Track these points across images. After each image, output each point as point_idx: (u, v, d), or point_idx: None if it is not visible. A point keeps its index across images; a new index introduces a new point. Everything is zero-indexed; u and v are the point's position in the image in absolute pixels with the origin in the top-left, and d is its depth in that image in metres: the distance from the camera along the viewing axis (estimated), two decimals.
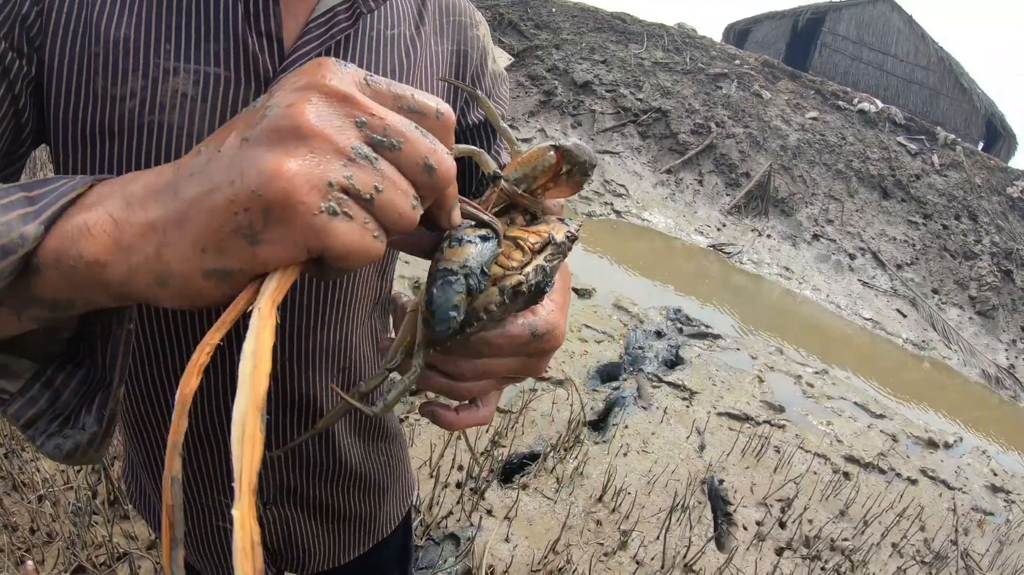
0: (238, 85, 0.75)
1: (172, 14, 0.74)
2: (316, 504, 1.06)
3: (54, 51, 0.72)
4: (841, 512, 4.10)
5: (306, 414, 0.95)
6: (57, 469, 3.04)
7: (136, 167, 0.72)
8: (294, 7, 0.78)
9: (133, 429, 0.98)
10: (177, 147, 0.73)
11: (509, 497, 3.52)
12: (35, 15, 0.71)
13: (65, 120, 0.74)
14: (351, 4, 0.80)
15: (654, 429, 4.54)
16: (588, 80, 12.77)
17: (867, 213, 10.08)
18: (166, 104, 0.73)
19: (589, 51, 13.63)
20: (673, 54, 13.60)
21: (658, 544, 3.43)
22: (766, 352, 6.43)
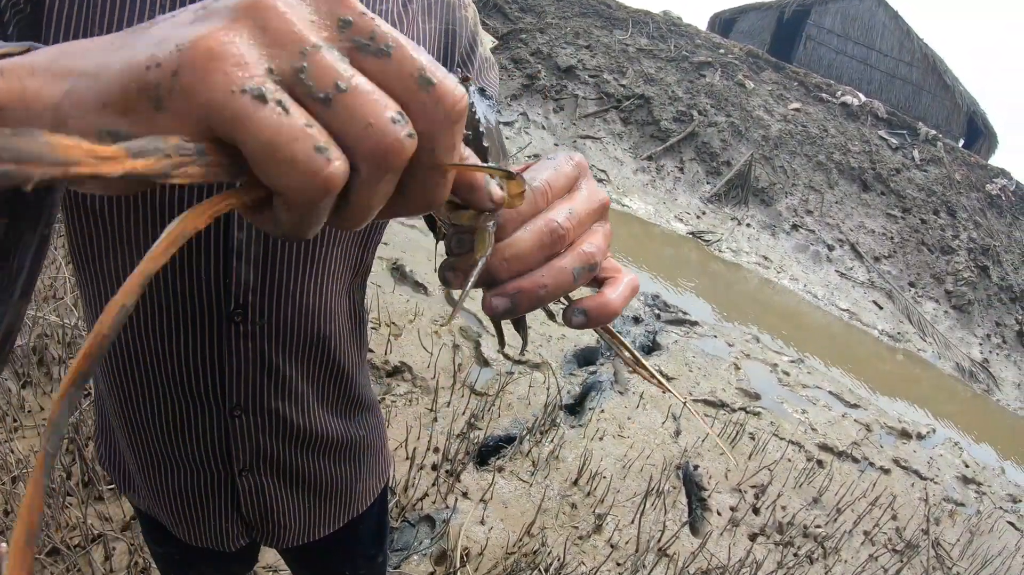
0: None
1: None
2: (292, 472, 1.04)
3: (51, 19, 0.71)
4: (814, 499, 4.11)
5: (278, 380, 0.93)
6: (31, 450, 2.99)
7: None
8: None
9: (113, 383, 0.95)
10: None
11: (485, 480, 3.49)
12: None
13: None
14: None
15: (630, 414, 4.52)
16: (572, 65, 12.71)
17: (846, 205, 10.13)
18: None
19: (573, 36, 13.57)
20: (658, 41, 13.56)
21: (633, 528, 3.42)
22: (743, 340, 6.44)
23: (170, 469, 0.99)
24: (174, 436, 0.95)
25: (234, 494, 1.02)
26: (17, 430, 3.13)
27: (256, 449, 0.99)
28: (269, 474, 1.02)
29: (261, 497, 1.04)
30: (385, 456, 1.25)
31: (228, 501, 1.03)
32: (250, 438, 0.97)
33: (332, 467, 1.10)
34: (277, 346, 0.91)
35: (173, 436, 0.95)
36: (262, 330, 0.87)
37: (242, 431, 0.96)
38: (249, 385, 0.92)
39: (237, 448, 0.97)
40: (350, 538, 1.22)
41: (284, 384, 0.95)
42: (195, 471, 0.99)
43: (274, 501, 1.05)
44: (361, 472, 1.16)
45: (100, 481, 2.84)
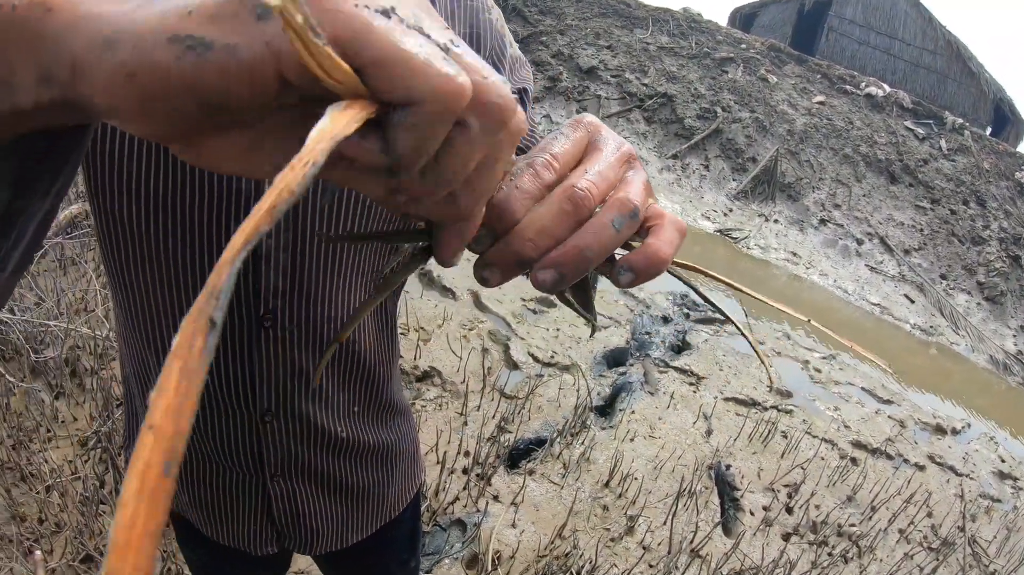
0: None
1: None
2: (324, 477, 1.05)
3: None
4: (848, 498, 4.08)
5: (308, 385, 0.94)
6: (65, 460, 3.04)
7: None
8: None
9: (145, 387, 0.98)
10: None
11: (516, 483, 3.51)
12: None
13: None
14: None
15: (661, 414, 4.52)
16: (593, 65, 12.70)
17: (874, 198, 10.03)
18: None
19: (594, 36, 13.56)
20: (679, 39, 13.52)
21: (665, 529, 3.42)
22: (773, 337, 6.42)
23: (202, 465, 1.00)
24: (207, 439, 0.96)
25: (265, 498, 1.03)
26: (51, 440, 3.21)
27: (287, 454, 1.00)
28: (301, 479, 1.03)
29: (293, 502, 1.04)
30: (418, 461, 1.26)
31: (259, 505, 1.04)
32: (281, 443, 0.98)
33: (364, 472, 1.10)
34: (307, 352, 0.91)
35: (206, 439, 0.96)
36: (292, 335, 0.88)
37: (273, 436, 0.97)
38: (279, 390, 0.93)
39: (268, 453, 0.98)
40: (383, 543, 1.22)
41: (314, 389, 0.96)
42: (227, 469, 1.00)
43: (306, 506, 1.06)
44: (394, 477, 1.17)
45: None
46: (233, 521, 1.05)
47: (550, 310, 5.47)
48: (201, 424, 0.95)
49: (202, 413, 0.94)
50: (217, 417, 0.94)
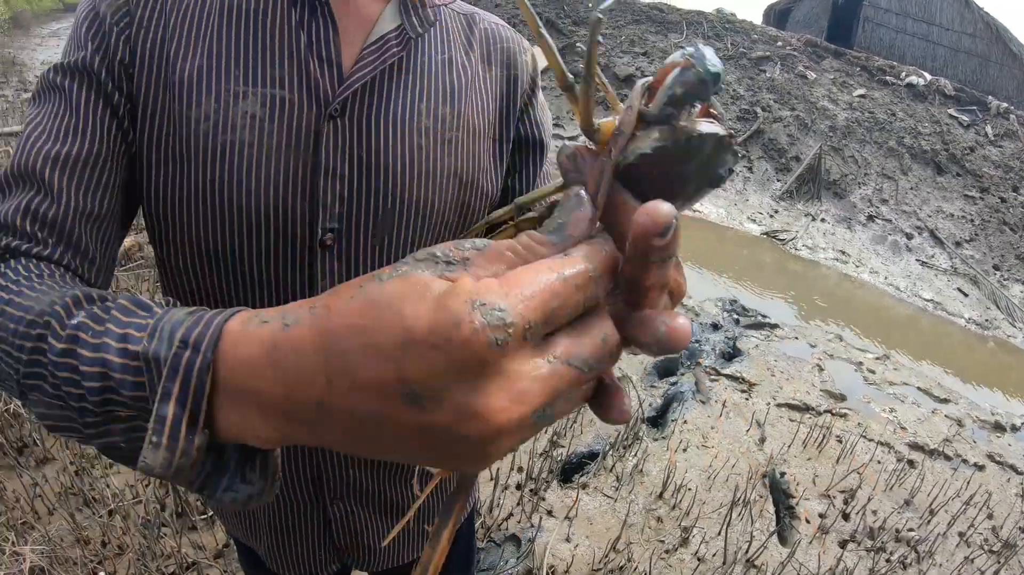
0: (301, 107, 0.82)
1: (240, 44, 0.82)
2: (380, 500, 1.10)
3: (140, 81, 0.81)
4: (906, 502, 4.06)
5: None
6: (126, 484, 3.20)
7: (211, 183, 0.81)
8: (351, 35, 0.87)
9: None
10: (248, 162, 0.81)
11: (569, 497, 3.58)
12: (128, 52, 0.80)
13: (149, 143, 0.81)
14: (400, 31, 0.88)
15: (713, 423, 4.56)
16: (630, 73, 12.75)
17: (922, 190, 9.89)
18: (237, 124, 0.81)
19: (629, 44, 13.62)
20: (713, 40, 13.51)
21: (719, 540, 3.46)
22: (825, 339, 6.38)
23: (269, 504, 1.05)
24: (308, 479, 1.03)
25: (326, 522, 1.08)
26: (112, 466, 3.36)
27: (345, 478, 1.05)
28: (358, 502, 1.08)
29: (352, 524, 1.10)
30: None
31: (320, 530, 1.09)
32: (339, 468, 1.04)
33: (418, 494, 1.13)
34: None
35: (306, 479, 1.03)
36: None
37: (332, 463, 1.03)
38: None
39: (328, 478, 1.04)
40: None
41: None
42: (289, 503, 1.05)
43: (364, 527, 1.11)
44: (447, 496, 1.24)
45: (193, 512, 3.03)
46: (296, 552, 1.11)
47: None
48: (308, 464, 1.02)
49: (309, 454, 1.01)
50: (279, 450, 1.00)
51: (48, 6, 43.00)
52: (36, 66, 18.78)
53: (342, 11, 0.86)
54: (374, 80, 0.86)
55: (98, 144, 0.78)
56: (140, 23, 0.81)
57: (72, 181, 0.76)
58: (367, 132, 0.85)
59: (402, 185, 0.88)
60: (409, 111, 0.88)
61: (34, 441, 3.41)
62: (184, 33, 0.82)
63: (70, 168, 0.76)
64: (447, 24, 0.97)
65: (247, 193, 0.81)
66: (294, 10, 0.83)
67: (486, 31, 1.01)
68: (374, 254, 0.90)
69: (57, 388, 0.53)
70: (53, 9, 42.91)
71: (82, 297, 0.58)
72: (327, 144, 0.83)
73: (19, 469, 3.19)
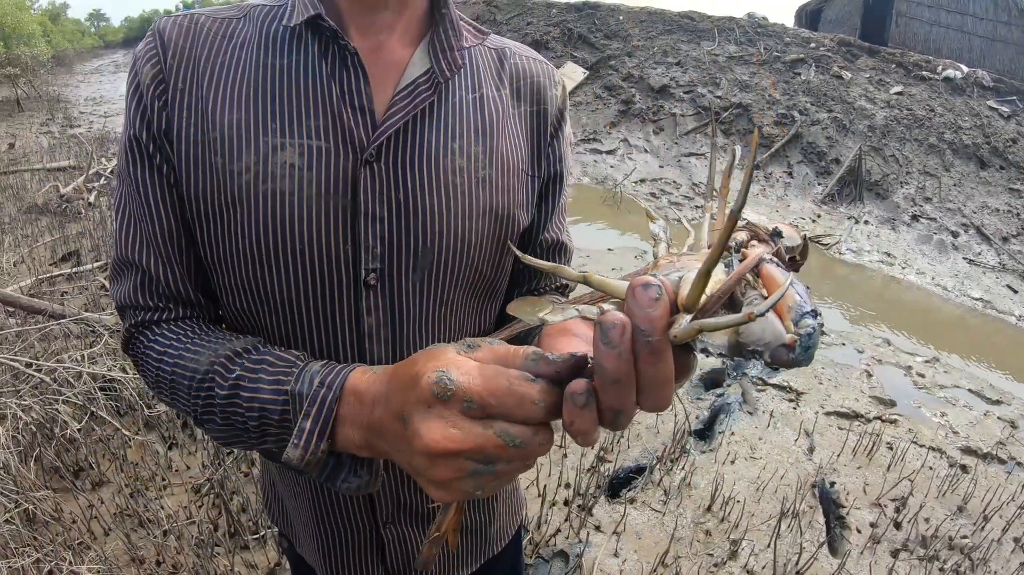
0: (338, 154, 0.87)
1: (275, 98, 0.88)
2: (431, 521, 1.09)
3: (180, 141, 0.88)
4: (959, 508, 4.02)
5: None
6: (180, 506, 3.38)
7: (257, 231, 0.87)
8: (382, 82, 0.92)
9: None
10: (290, 210, 0.86)
11: (617, 512, 3.63)
12: (166, 119, 0.88)
13: (195, 197, 0.89)
14: (430, 75, 0.92)
15: (761, 434, 4.59)
16: (665, 84, 12.83)
17: (966, 186, 9.75)
18: (276, 174, 0.86)
19: (662, 54, 13.68)
20: (746, 46, 13.49)
21: (769, 552, 3.47)
22: (873, 344, 6.36)
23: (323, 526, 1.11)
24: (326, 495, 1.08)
25: (379, 545, 1.12)
26: (166, 488, 3.56)
27: (397, 501, 1.09)
28: (410, 524, 1.12)
29: (404, 545, 1.13)
30: (517, 498, 1.35)
31: (374, 552, 1.13)
32: (391, 491, 1.08)
33: (468, 514, 1.19)
34: None
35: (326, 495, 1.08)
36: None
37: (384, 487, 1.07)
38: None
39: (380, 500, 1.08)
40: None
41: None
42: (344, 525, 1.10)
43: (416, 548, 1.14)
44: (496, 515, 1.25)
45: (245, 531, 3.18)
46: (349, 569, 1.15)
47: None
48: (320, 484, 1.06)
49: None
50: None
51: (89, 44, 44.27)
52: (80, 102, 19.39)
53: (372, 59, 0.92)
54: (406, 125, 0.91)
55: (166, 220, 0.91)
56: (176, 86, 0.88)
57: (160, 257, 0.92)
58: (403, 175, 0.90)
59: (440, 224, 0.92)
60: (442, 151, 0.92)
61: (89, 465, 3.62)
62: (220, 90, 0.89)
63: (154, 249, 0.92)
64: (478, 62, 1.01)
65: (291, 239, 0.87)
66: (324, 62, 0.89)
67: (516, 66, 1.05)
68: (416, 290, 0.94)
69: (226, 419, 0.84)
70: (94, 47, 44.18)
71: (232, 354, 0.85)
72: (365, 189, 0.88)
73: (75, 491, 3.40)
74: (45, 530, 3.12)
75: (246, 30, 0.94)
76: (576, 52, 14.33)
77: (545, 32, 14.98)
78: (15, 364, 3.92)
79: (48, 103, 18.75)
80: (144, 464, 3.69)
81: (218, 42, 0.92)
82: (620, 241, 8.73)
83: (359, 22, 0.93)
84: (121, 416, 4.01)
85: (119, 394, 4.06)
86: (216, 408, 0.84)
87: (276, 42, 0.92)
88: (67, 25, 47.05)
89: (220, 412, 0.84)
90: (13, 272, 6.51)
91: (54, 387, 3.83)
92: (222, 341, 0.88)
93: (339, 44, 0.89)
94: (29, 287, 5.78)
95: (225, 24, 0.94)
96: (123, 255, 0.94)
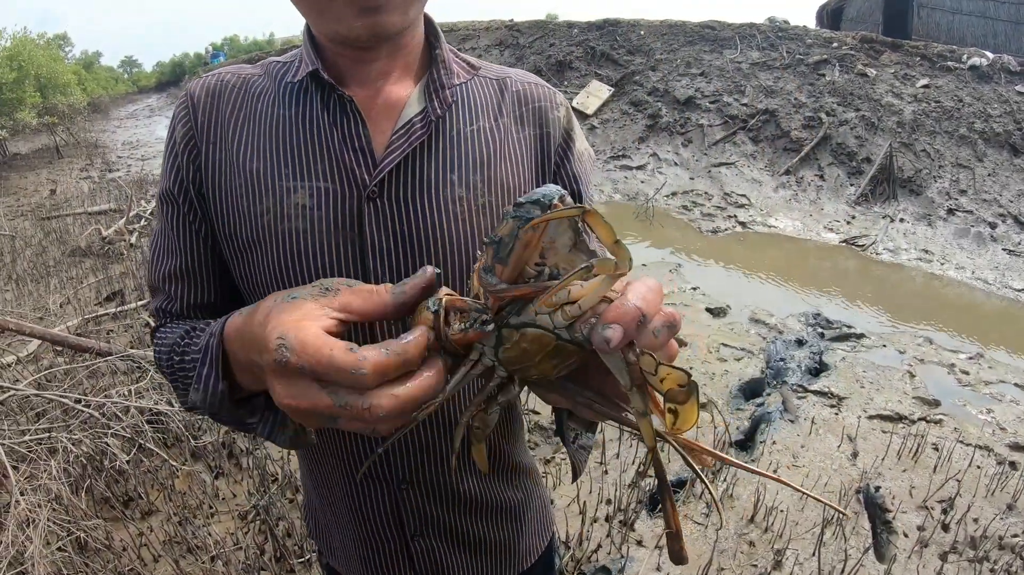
0: (343, 193, 0.96)
1: (288, 147, 0.98)
2: (459, 535, 1.18)
3: (212, 188, 1.01)
4: (1009, 506, 3.94)
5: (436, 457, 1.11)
6: (227, 532, 3.50)
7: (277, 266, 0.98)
8: (381, 123, 1.00)
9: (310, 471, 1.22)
10: (304, 246, 0.96)
11: (659, 526, 3.65)
12: (195, 170, 1.02)
13: (227, 236, 1.01)
14: (424, 114, 0.99)
15: (803, 442, 4.57)
16: (690, 95, 12.86)
17: (1000, 176, 9.58)
18: (291, 214, 0.96)
19: (685, 66, 13.72)
20: (768, 51, 13.47)
21: (813, 561, 3.46)
22: (914, 344, 6.27)
23: (356, 539, 1.17)
24: (357, 509, 1.14)
25: (409, 558, 1.17)
26: (213, 515, 3.69)
27: (423, 516, 1.14)
28: (437, 537, 1.16)
29: (433, 558, 1.18)
30: (547, 515, 1.38)
31: (405, 565, 1.18)
32: (418, 507, 1.13)
33: (494, 528, 1.22)
34: (434, 428, 1.08)
35: (356, 510, 1.14)
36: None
37: (410, 501, 1.12)
38: (412, 463, 1.10)
39: (407, 516, 1.13)
40: None
41: (442, 460, 1.11)
42: (375, 539, 1.15)
43: (445, 561, 1.18)
44: (524, 531, 1.29)
45: (291, 556, 3.28)
46: None
47: (681, 350, 5.64)
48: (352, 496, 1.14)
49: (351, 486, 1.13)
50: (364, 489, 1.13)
51: (123, 90, 45.32)
52: (117, 147, 19.90)
53: (371, 104, 1.00)
54: (405, 161, 0.98)
55: (193, 256, 1.05)
56: (206, 140, 1.01)
57: (181, 288, 1.07)
58: (405, 208, 0.97)
59: (443, 252, 0.98)
60: (441, 183, 0.99)
61: (139, 494, 3.77)
62: (243, 140, 1.00)
63: (177, 280, 1.07)
64: (476, 94, 1.07)
65: (306, 272, 0.97)
66: (327, 111, 0.98)
67: (517, 92, 1.10)
68: None
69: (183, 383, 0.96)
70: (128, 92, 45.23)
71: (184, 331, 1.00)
72: (370, 224, 0.96)
73: (125, 520, 3.55)
74: (97, 557, 3.27)
75: (264, 84, 1.05)
76: (600, 70, 14.42)
77: (568, 52, 15.10)
78: (65, 400, 4.11)
79: (86, 149, 19.30)
80: (191, 493, 3.83)
81: (241, 97, 1.04)
82: (655, 255, 8.76)
83: (356, 72, 1.02)
84: (168, 447, 4.18)
85: (166, 426, 4.22)
86: (177, 377, 0.98)
87: (287, 95, 1.02)
88: (101, 73, 48.18)
89: (179, 379, 0.98)
90: (60, 313, 6.79)
91: (103, 421, 4.01)
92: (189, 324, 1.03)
93: (337, 94, 0.98)
94: (76, 327, 6.05)
95: (247, 80, 1.06)
96: (152, 280, 1.10)
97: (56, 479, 3.45)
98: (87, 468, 3.78)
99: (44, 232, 10.14)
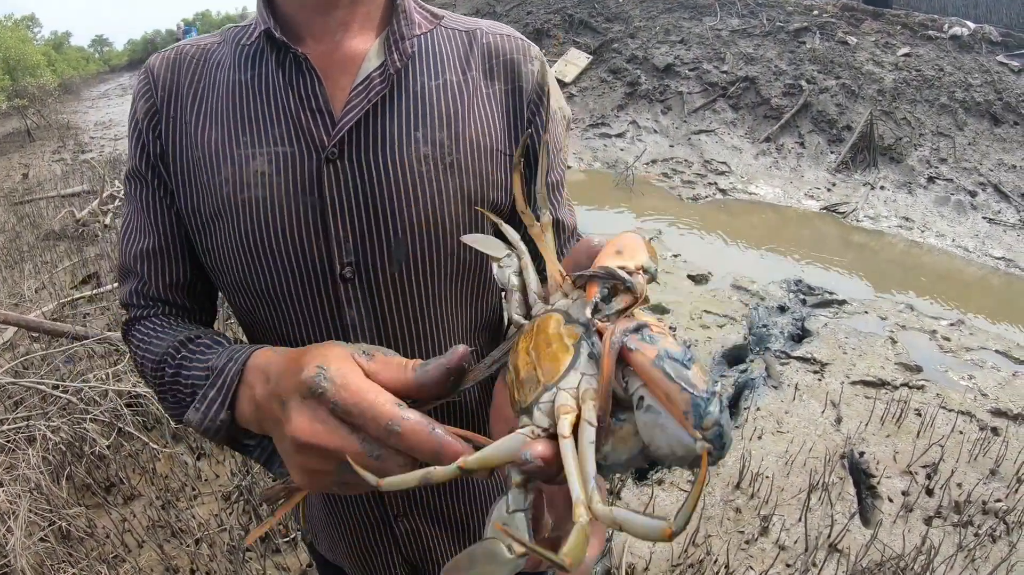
0: (302, 157, 0.91)
1: (246, 111, 0.94)
2: (446, 517, 1.16)
3: (174, 163, 0.98)
4: (991, 471, 3.97)
5: None
6: (211, 514, 3.44)
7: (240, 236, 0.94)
8: (339, 81, 0.95)
9: None
10: (265, 214, 0.92)
11: (645, 494, 3.63)
12: (160, 145, 0.98)
13: (190, 211, 0.98)
14: (383, 67, 0.94)
15: (787, 408, 4.56)
16: (669, 63, 12.74)
17: (980, 144, 9.60)
18: (251, 182, 0.92)
19: (664, 33, 13.58)
20: (749, 19, 13.37)
21: (800, 526, 3.46)
22: (896, 311, 6.29)
23: (342, 522, 1.15)
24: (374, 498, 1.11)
25: (395, 539, 1.14)
26: (196, 497, 3.62)
27: (406, 497, 1.12)
28: (422, 518, 1.14)
29: (420, 541, 1.15)
30: None
31: (392, 546, 1.15)
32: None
33: (479, 509, 1.19)
34: None
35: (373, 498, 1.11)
36: None
37: None
38: None
39: (390, 496, 1.11)
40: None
41: None
42: (360, 522, 1.13)
43: (431, 542, 1.16)
44: None
45: (276, 535, 3.22)
46: (375, 563, 1.18)
47: (664, 317, 5.59)
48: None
49: None
50: None
51: (94, 70, 44.48)
52: (90, 128, 19.53)
53: (328, 60, 0.95)
54: (365, 119, 0.92)
55: (163, 234, 1.02)
56: (167, 115, 0.98)
57: (155, 267, 1.03)
58: (366, 169, 0.92)
59: (408, 213, 0.93)
60: (405, 141, 0.93)
61: (120, 480, 3.69)
62: (202, 112, 0.97)
63: (150, 259, 1.03)
64: (441, 47, 1.01)
65: (269, 240, 0.92)
66: (282, 71, 0.93)
67: (487, 44, 1.03)
68: (396, 282, 0.97)
69: (174, 396, 0.92)
70: (99, 72, 44.40)
71: (184, 340, 0.94)
72: (330, 186, 0.91)
73: (107, 506, 3.46)
74: (80, 546, 3.20)
75: (222, 52, 1.01)
76: (578, 38, 14.25)
77: (546, 20, 14.90)
78: (42, 387, 4.00)
79: (58, 131, 18.88)
80: (174, 475, 3.75)
81: (200, 68, 1.00)
82: (636, 224, 8.68)
83: (313, 26, 0.96)
84: (148, 430, 4.07)
85: (145, 409, 4.12)
86: (166, 387, 0.93)
87: (243, 59, 0.98)
88: (71, 53, 47.23)
89: (169, 391, 0.93)
90: (35, 299, 6.64)
91: (81, 407, 3.91)
92: (181, 331, 0.98)
93: (292, 53, 0.92)
94: (52, 312, 5.89)
95: (205, 50, 1.02)
96: (124, 263, 1.06)
97: (35, 468, 3.40)
98: (67, 455, 3.71)
99: (17, 217, 10.01)
